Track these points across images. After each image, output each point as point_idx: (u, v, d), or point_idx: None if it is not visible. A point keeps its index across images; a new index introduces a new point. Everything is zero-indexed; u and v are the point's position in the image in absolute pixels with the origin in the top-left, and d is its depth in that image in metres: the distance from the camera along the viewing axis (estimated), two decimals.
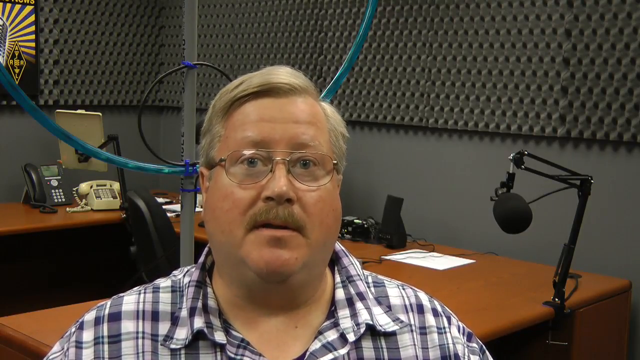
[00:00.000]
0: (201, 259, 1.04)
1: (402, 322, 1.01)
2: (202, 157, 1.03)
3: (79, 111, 4.16)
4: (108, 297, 1.05)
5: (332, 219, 0.97)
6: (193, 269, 1.03)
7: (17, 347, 2.04)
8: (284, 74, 1.00)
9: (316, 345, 0.96)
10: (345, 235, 3.47)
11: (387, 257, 3.12)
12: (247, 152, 0.95)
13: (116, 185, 4.02)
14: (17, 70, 4.24)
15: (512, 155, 2.49)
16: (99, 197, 4.01)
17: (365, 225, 3.46)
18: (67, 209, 3.99)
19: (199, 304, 0.98)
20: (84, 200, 4.02)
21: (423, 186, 3.67)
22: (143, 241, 3.28)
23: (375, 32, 3.77)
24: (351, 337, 0.97)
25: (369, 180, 3.87)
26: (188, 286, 1.00)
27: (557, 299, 2.48)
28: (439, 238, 3.51)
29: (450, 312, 1.09)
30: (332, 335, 0.97)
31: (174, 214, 3.65)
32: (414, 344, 1.01)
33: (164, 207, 3.58)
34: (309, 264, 0.95)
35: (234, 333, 0.97)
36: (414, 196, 3.61)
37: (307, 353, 0.95)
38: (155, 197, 3.50)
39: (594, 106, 3.05)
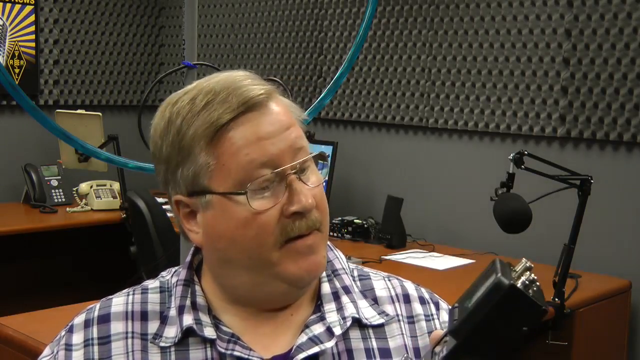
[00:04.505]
0: (188, 258, 1.05)
1: (387, 315, 1.02)
2: (180, 186, 0.98)
3: (79, 111, 4.16)
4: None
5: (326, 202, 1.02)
6: (180, 269, 1.04)
7: (17, 347, 2.04)
8: (250, 81, 0.98)
9: (302, 338, 0.97)
10: (345, 235, 3.47)
11: (387, 257, 3.12)
12: (263, 177, 0.94)
13: (116, 185, 4.02)
14: (17, 70, 4.24)
15: (512, 155, 2.49)
16: (99, 197, 4.01)
17: (365, 225, 3.46)
18: (67, 209, 3.99)
19: (188, 302, 0.99)
20: (84, 200, 4.02)
21: (423, 186, 3.67)
22: (143, 241, 3.28)
23: (375, 32, 3.77)
24: (337, 331, 0.98)
25: (369, 180, 3.87)
26: (176, 285, 1.01)
27: (557, 299, 2.48)
28: (439, 238, 3.51)
29: (439, 297, 1.10)
30: (318, 329, 0.98)
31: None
32: (402, 333, 1.02)
33: (164, 207, 3.57)
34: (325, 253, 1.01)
35: (224, 328, 0.98)
36: (414, 196, 3.61)
37: (294, 346, 0.96)
38: (155, 197, 3.50)
39: (594, 106, 3.05)
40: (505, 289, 0.68)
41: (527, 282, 0.70)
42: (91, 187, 4.03)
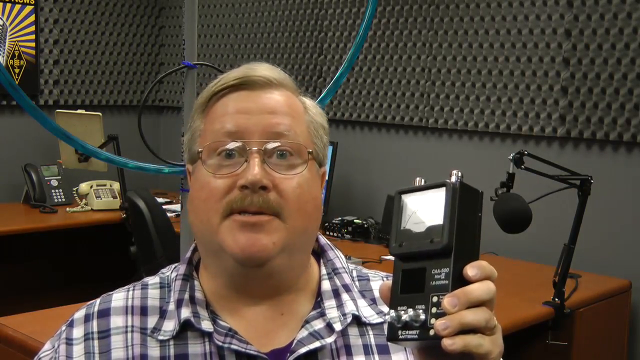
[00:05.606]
0: (188, 254, 1.06)
1: (385, 315, 1.02)
2: (185, 154, 1.06)
3: (79, 111, 4.16)
4: None
5: (312, 207, 0.99)
6: (180, 265, 1.06)
7: (17, 347, 2.04)
8: (261, 69, 1.02)
9: (303, 333, 0.98)
10: (345, 235, 3.47)
11: (387, 257, 3.12)
12: (222, 143, 0.97)
13: (116, 185, 4.02)
14: (17, 70, 4.24)
15: (512, 155, 2.49)
16: (99, 197, 4.01)
17: (365, 225, 3.46)
18: (67, 209, 3.99)
19: (186, 296, 1.00)
20: (84, 200, 4.02)
21: None
22: (143, 241, 3.28)
23: (375, 32, 3.77)
24: (338, 327, 0.98)
25: (369, 180, 3.87)
26: (175, 280, 1.03)
27: (557, 299, 2.48)
28: None
29: None
30: (318, 325, 0.99)
31: (174, 214, 3.65)
32: None
33: (164, 207, 3.58)
34: (287, 248, 0.97)
35: (221, 322, 0.98)
36: None
37: (295, 340, 0.97)
38: (155, 197, 3.50)
39: (594, 106, 3.05)
40: (458, 187, 0.80)
41: (458, 177, 0.82)
42: (91, 187, 4.03)
